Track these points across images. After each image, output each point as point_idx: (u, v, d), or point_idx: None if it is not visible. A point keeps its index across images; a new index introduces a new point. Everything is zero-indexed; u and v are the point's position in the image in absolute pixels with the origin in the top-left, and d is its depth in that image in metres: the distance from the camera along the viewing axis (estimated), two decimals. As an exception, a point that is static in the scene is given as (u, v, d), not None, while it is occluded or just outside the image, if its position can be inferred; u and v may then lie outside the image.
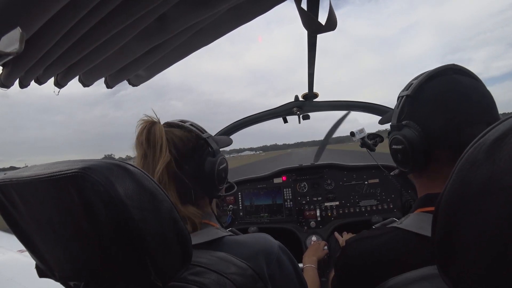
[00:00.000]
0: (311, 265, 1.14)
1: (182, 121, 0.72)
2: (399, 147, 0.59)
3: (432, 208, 0.50)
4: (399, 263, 0.50)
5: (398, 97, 0.64)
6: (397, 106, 0.63)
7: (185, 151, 0.67)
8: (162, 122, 0.68)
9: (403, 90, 0.63)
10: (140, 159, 0.65)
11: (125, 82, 1.04)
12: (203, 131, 0.72)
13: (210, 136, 0.73)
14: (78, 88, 1.07)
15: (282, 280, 0.61)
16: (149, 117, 0.66)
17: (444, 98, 0.55)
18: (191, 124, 0.71)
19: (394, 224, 0.58)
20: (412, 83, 0.60)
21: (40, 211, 0.44)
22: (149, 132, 0.63)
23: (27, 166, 0.51)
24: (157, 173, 0.61)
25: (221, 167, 0.71)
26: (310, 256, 1.21)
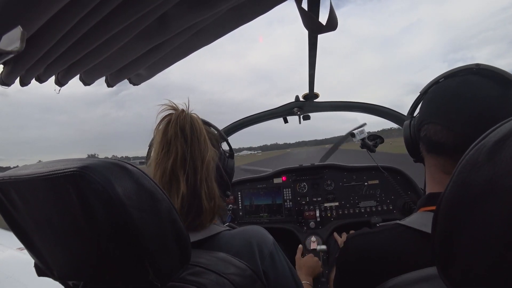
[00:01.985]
0: (306, 282, 1.06)
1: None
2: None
3: (434, 207, 0.50)
4: (400, 261, 0.50)
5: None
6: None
7: (216, 147, 0.71)
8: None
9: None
10: (182, 144, 0.60)
11: (126, 81, 1.04)
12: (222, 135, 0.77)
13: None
14: (80, 88, 1.07)
15: (276, 277, 0.60)
16: (176, 105, 0.64)
17: (435, 95, 0.58)
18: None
19: (397, 221, 0.57)
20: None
21: (39, 210, 0.44)
22: (191, 121, 0.63)
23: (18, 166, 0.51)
24: (208, 163, 0.62)
25: (234, 168, 0.79)
26: (306, 275, 1.14)
